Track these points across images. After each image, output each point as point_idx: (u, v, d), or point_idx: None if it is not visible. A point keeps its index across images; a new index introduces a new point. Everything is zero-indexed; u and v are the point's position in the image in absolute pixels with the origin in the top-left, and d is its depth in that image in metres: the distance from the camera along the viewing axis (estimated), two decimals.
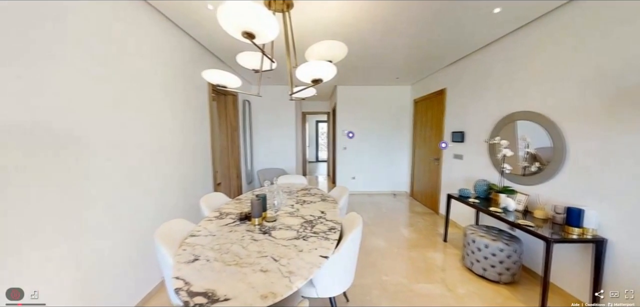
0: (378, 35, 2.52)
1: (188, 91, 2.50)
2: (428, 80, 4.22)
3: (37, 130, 1.15)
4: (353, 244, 1.32)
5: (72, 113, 1.31)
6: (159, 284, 2.00)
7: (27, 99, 1.11)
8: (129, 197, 1.72)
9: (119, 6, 1.62)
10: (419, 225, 3.43)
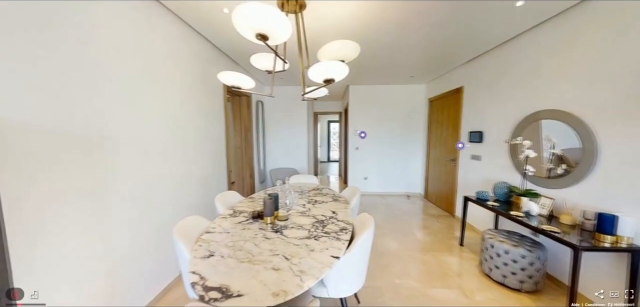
0: (392, 34, 2.47)
1: (205, 93, 2.59)
2: (444, 78, 4.09)
3: (73, 130, 1.24)
4: (365, 245, 1.31)
5: (102, 114, 1.41)
6: (177, 277, 2.09)
7: (65, 102, 1.20)
8: (150, 193, 1.81)
9: (143, 14, 1.72)
10: (433, 228, 3.33)
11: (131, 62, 1.63)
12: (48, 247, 1.15)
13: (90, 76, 1.34)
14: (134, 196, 1.66)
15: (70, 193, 1.25)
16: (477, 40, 2.65)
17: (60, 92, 1.19)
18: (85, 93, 1.32)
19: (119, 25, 1.53)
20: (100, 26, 1.40)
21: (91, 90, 1.35)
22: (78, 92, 1.28)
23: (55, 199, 1.18)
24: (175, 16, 2.07)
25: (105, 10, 1.43)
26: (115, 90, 1.51)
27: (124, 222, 1.58)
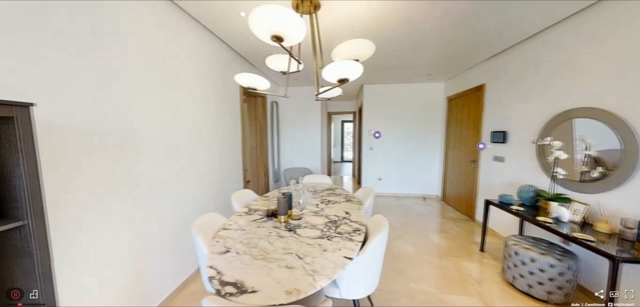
0: (408, 31, 2.41)
1: (223, 94, 2.69)
2: (464, 75, 3.91)
3: (103, 130, 1.34)
4: (378, 247, 1.29)
5: (129, 116, 1.50)
6: (196, 271, 2.19)
7: (98, 105, 1.31)
8: (172, 190, 1.91)
9: (167, 20, 1.81)
10: (451, 232, 3.19)
11: (156, 67, 1.72)
12: (83, 238, 1.25)
13: (119, 81, 1.44)
14: (157, 192, 1.76)
15: (102, 189, 1.35)
16: (501, 35, 2.51)
17: (93, 96, 1.29)
18: (115, 96, 1.42)
19: (145, 33, 1.62)
20: (127, 34, 1.50)
21: (120, 94, 1.45)
22: (108, 96, 1.38)
23: (89, 194, 1.28)
24: (196, 21, 2.16)
25: (133, 17, 1.53)
26: (142, 94, 1.61)
27: (148, 217, 1.68)
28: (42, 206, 0.79)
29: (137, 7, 1.56)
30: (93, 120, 1.30)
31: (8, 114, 0.71)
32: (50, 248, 0.81)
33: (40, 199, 0.78)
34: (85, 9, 1.24)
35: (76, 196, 1.22)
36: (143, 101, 1.62)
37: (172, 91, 1.89)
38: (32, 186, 0.76)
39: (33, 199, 0.76)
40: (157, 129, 1.74)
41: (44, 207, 0.79)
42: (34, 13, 1.04)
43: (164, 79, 1.81)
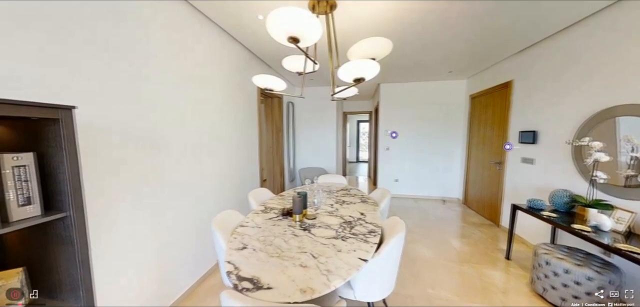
0: (428, 27, 2.32)
1: (241, 95, 2.78)
2: (489, 72, 3.69)
3: (134, 131, 1.45)
4: (394, 250, 1.26)
5: (156, 117, 1.61)
6: (215, 265, 2.28)
7: (130, 108, 1.41)
8: (194, 187, 2.01)
9: (189, 26, 1.91)
10: (473, 237, 3.03)
11: (180, 70, 1.82)
12: (114, 230, 1.36)
13: (147, 84, 1.55)
14: (181, 188, 1.86)
15: (132, 185, 1.46)
16: (531, 27, 2.33)
17: (124, 99, 1.40)
18: (143, 99, 1.52)
19: (170, 39, 1.72)
20: (155, 41, 1.60)
21: (148, 97, 1.55)
22: (138, 99, 1.49)
23: (120, 190, 1.39)
24: (216, 26, 2.25)
25: (160, 24, 1.63)
26: (167, 96, 1.71)
27: (172, 211, 1.79)
28: (82, 199, 0.87)
29: (164, 13, 1.66)
30: (124, 122, 1.40)
31: (54, 116, 0.80)
32: (88, 238, 0.89)
33: (81, 194, 0.86)
34: (122, 20, 1.35)
35: (109, 191, 1.33)
36: (168, 103, 1.72)
37: (194, 93, 1.99)
38: (74, 181, 0.84)
39: (74, 193, 0.84)
40: (180, 129, 1.84)
41: (83, 201, 0.87)
42: (79, 27, 1.15)
43: (188, 81, 1.91)
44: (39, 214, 0.80)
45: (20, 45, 0.97)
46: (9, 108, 0.70)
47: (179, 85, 1.82)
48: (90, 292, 0.90)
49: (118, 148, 1.37)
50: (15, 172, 0.75)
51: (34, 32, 1.00)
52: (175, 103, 1.79)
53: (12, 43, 0.95)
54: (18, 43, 0.96)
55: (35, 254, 0.89)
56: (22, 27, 0.97)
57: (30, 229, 0.82)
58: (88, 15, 1.20)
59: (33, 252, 0.90)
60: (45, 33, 1.04)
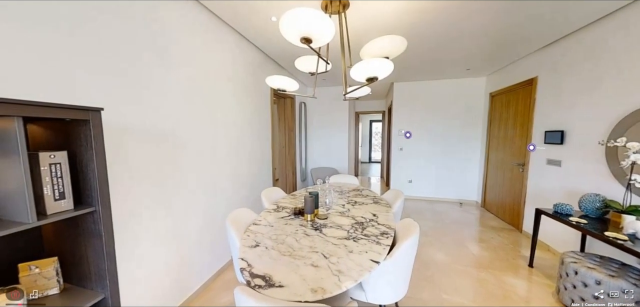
0: (445, 22, 2.24)
1: (255, 96, 2.84)
2: (510, 68, 3.50)
3: (156, 133, 1.53)
4: (408, 252, 1.23)
5: (176, 119, 1.68)
6: (229, 261, 2.35)
7: (153, 111, 1.49)
8: (210, 184, 2.08)
9: (206, 30, 1.98)
10: (492, 242, 2.89)
11: (197, 72, 1.89)
12: (136, 225, 1.44)
13: (167, 87, 1.62)
14: (197, 186, 1.93)
15: (152, 182, 1.54)
16: (559, 20, 2.18)
17: (145, 101, 1.48)
18: (163, 101, 1.60)
19: (189, 43, 1.80)
20: (175, 45, 1.68)
21: (168, 98, 1.63)
22: (158, 100, 1.56)
23: (142, 187, 1.47)
24: (231, 29, 2.31)
25: (179, 29, 1.70)
26: (185, 97, 1.78)
27: (190, 208, 1.86)
28: (108, 195, 0.93)
29: (183, 19, 1.74)
30: (144, 122, 1.48)
31: (84, 117, 0.86)
32: (113, 232, 0.95)
33: (107, 190, 0.92)
34: (144, 26, 1.43)
35: (130, 188, 1.40)
36: (186, 104, 1.79)
37: (210, 94, 2.06)
38: (101, 178, 0.90)
39: (101, 189, 0.90)
40: (197, 129, 1.92)
41: (109, 197, 0.93)
42: (105, 35, 1.23)
43: (205, 83, 1.98)
44: (71, 208, 0.86)
45: (54, 53, 1.05)
46: (48, 110, 0.76)
47: (196, 87, 1.89)
48: (114, 282, 0.96)
49: (138, 147, 1.44)
50: (51, 169, 0.82)
51: (66, 40, 1.09)
52: (192, 104, 1.86)
53: (49, 51, 1.03)
54: (53, 51, 1.04)
55: (67, 246, 0.97)
56: (59, 37, 1.05)
57: (63, 221, 0.89)
58: (113, 25, 1.28)
59: (65, 244, 0.97)
60: (75, 41, 1.12)
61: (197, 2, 1.87)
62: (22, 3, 0.95)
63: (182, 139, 1.76)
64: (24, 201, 0.72)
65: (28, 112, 0.72)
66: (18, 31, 0.95)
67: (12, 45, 0.93)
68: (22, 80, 0.97)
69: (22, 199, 0.72)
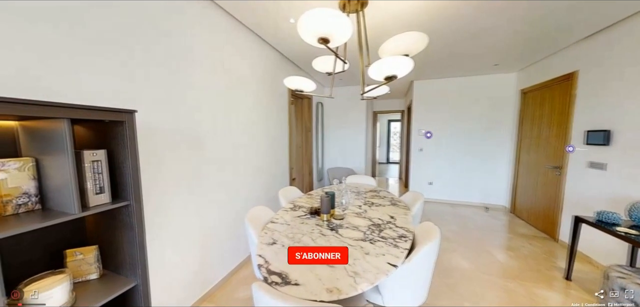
0: (471, 15, 2.11)
1: (273, 97, 2.90)
2: (545, 63, 3.22)
3: (180, 130, 1.63)
4: (427, 257, 1.18)
5: (198, 118, 1.78)
6: (247, 257, 2.43)
7: (176, 107, 1.59)
8: (230, 182, 2.17)
9: (227, 33, 2.06)
10: (523, 251, 2.68)
11: (219, 74, 1.98)
12: (163, 220, 1.55)
13: (191, 88, 1.72)
14: (218, 184, 2.02)
15: (178, 180, 1.64)
16: (604, 8, 1.96)
17: (172, 102, 1.58)
18: (187, 102, 1.70)
19: (211, 46, 1.88)
20: (197, 48, 1.77)
21: (191, 99, 1.73)
22: (182, 102, 1.66)
23: (168, 184, 1.57)
24: (251, 31, 2.39)
25: (201, 32, 1.80)
26: (207, 98, 1.87)
27: (211, 205, 1.95)
28: (140, 191, 1.00)
29: (205, 24, 1.83)
30: (171, 122, 1.58)
31: (120, 118, 0.94)
32: (144, 225, 1.03)
33: (139, 186, 1.00)
34: (168, 34, 1.52)
35: (158, 185, 1.50)
36: (209, 105, 1.89)
37: (231, 95, 2.14)
38: (134, 175, 0.98)
39: (135, 184, 0.98)
40: (218, 129, 2.00)
41: (141, 192, 1.01)
42: (137, 43, 1.33)
43: (226, 85, 2.07)
44: (108, 202, 0.95)
45: (92, 60, 1.16)
46: (90, 112, 0.85)
47: (218, 88, 1.98)
48: (145, 270, 1.04)
49: (166, 147, 1.54)
50: (93, 166, 0.90)
51: (103, 49, 1.20)
52: (215, 105, 1.95)
53: (89, 59, 1.14)
54: (91, 58, 1.15)
55: (106, 236, 1.06)
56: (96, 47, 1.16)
57: (102, 213, 0.98)
58: (142, 33, 1.38)
59: (104, 234, 1.07)
60: (110, 48, 1.23)
61: (222, 10, 1.95)
62: (82, 23, 1.06)
63: (204, 139, 1.86)
64: (70, 194, 0.81)
65: (74, 114, 0.81)
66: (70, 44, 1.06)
67: (58, 54, 1.05)
68: (69, 86, 1.08)
69: (69, 193, 0.81)
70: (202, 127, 1.82)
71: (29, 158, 0.84)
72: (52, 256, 0.95)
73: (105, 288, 0.97)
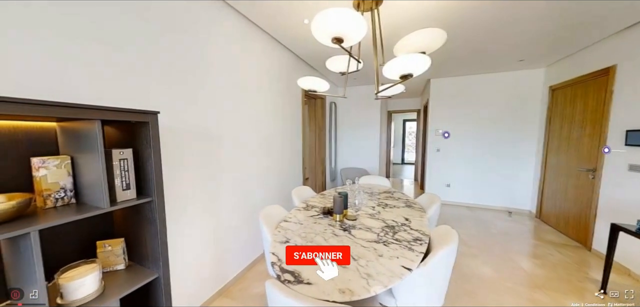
0: (493, 9, 2.00)
1: (287, 97, 2.94)
2: (579, 56, 2.98)
3: (199, 130, 1.70)
4: (444, 262, 1.14)
5: (216, 119, 1.84)
6: (261, 254, 2.48)
7: (196, 110, 1.66)
8: (245, 181, 2.23)
9: (241, 35, 2.12)
10: (551, 259, 2.50)
11: (234, 77, 2.04)
12: (182, 216, 1.62)
13: (206, 91, 1.78)
14: (234, 182, 2.09)
15: (196, 178, 1.71)
16: None
17: (189, 104, 1.65)
18: (205, 104, 1.76)
19: (227, 50, 1.95)
20: (214, 52, 1.83)
21: (208, 101, 1.79)
22: (200, 104, 1.73)
23: (187, 182, 1.64)
24: (265, 33, 2.44)
25: (217, 35, 1.86)
26: (224, 100, 1.93)
27: (228, 203, 2.02)
28: (162, 187, 1.06)
29: (222, 28, 1.89)
30: (188, 123, 1.65)
31: (145, 119, 0.99)
32: (165, 220, 1.09)
33: (161, 183, 1.05)
34: (189, 38, 1.59)
35: (178, 183, 1.58)
36: (225, 106, 1.95)
37: (247, 97, 2.20)
38: (157, 173, 1.03)
39: (157, 182, 1.04)
40: (235, 130, 2.06)
41: (163, 189, 1.06)
42: (159, 48, 1.41)
43: (242, 87, 2.13)
44: (134, 198, 1.01)
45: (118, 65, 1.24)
46: (119, 114, 0.91)
47: (234, 90, 2.04)
48: (166, 263, 1.09)
49: (184, 147, 1.61)
50: (120, 164, 0.97)
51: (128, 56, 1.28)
52: (230, 107, 2.01)
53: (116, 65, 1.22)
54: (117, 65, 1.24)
55: (131, 229, 1.13)
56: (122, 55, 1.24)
57: (128, 208, 1.05)
58: (165, 39, 1.45)
59: (129, 228, 1.14)
60: (135, 54, 1.31)
61: (237, 12, 2.01)
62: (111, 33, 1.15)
63: (220, 139, 1.92)
64: (101, 189, 0.87)
65: (105, 115, 0.87)
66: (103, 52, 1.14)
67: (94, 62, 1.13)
68: (99, 90, 1.16)
69: (100, 188, 0.87)
70: (218, 128, 1.89)
71: (66, 156, 0.92)
72: (84, 247, 1.03)
73: (131, 278, 1.04)
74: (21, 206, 0.74)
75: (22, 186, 0.86)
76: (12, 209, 0.72)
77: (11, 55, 0.90)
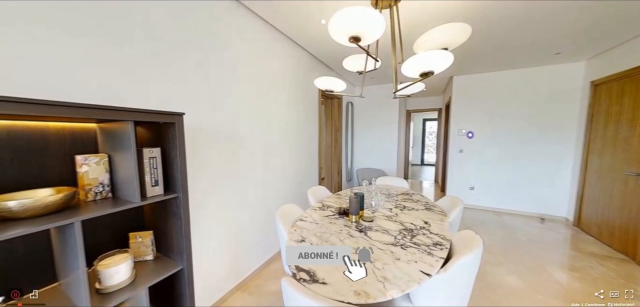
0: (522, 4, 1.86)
1: (304, 97, 2.97)
2: (627, 48, 2.66)
3: (222, 131, 1.77)
4: (467, 269, 1.08)
5: (236, 119, 1.91)
6: (277, 252, 2.53)
7: (217, 113, 1.74)
8: (263, 181, 2.29)
9: (261, 38, 2.17)
10: (591, 272, 2.27)
11: (255, 79, 2.10)
12: (203, 212, 1.70)
13: (230, 94, 1.85)
14: (253, 181, 2.15)
15: (217, 177, 1.78)
16: None
17: (213, 106, 1.72)
18: (227, 106, 1.83)
19: (248, 52, 2.01)
20: (237, 56, 1.90)
21: (230, 103, 1.86)
22: (222, 106, 1.80)
23: (209, 181, 1.72)
24: (283, 35, 2.48)
25: (240, 40, 1.92)
26: (245, 102, 2.00)
27: (246, 201, 2.09)
28: (187, 185, 1.12)
29: (245, 33, 1.95)
30: (211, 124, 1.72)
31: (171, 120, 1.06)
32: (189, 215, 1.15)
33: (186, 180, 1.12)
34: (215, 44, 1.67)
35: (200, 182, 1.66)
36: (245, 108, 2.01)
37: (266, 98, 2.26)
38: (182, 171, 1.10)
39: (182, 179, 1.10)
40: (254, 130, 2.13)
41: (187, 186, 1.13)
42: (182, 52, 1.49)
43: (260, 88, 2.19)
44: (162, 194, 1.08)
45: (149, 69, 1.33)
46: (149, 115, 0.98)
47: (254, 91, 2.10)
48: (189, 256, 1.15)
49: (207, 146, 1.69)
50: (150, 162, 1.04)
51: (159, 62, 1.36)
52: (250, 108, 2.08)
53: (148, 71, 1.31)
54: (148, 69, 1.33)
55: (159, 223, 1.22)
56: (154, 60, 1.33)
57: (157, 203, 1.12)
58: (192, 46, 1.53)
59: (158, 222, 1.22)
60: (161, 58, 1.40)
61: (253, 13, 2.06)
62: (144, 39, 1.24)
63: (241, 139, 1.99)
64: (133, 185, 0.94)
65: (137, 117, 0.94)
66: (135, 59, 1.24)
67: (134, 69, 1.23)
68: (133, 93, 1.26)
69: (132, 184, 0.95)
70: (239, 129, 1.96)
71: (104, 154, 1.01)
72: (118, 238, 1.13)
73: (158, 269, 1.11)
74: (67, 198, 0.83)
75: (67, 180, 0.96)
76: (60, 201, 0.80)
77: (58, 61, 1.01)
